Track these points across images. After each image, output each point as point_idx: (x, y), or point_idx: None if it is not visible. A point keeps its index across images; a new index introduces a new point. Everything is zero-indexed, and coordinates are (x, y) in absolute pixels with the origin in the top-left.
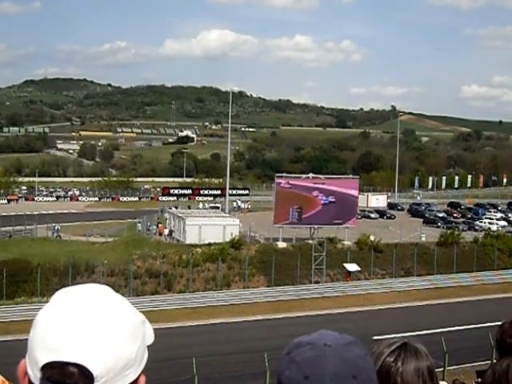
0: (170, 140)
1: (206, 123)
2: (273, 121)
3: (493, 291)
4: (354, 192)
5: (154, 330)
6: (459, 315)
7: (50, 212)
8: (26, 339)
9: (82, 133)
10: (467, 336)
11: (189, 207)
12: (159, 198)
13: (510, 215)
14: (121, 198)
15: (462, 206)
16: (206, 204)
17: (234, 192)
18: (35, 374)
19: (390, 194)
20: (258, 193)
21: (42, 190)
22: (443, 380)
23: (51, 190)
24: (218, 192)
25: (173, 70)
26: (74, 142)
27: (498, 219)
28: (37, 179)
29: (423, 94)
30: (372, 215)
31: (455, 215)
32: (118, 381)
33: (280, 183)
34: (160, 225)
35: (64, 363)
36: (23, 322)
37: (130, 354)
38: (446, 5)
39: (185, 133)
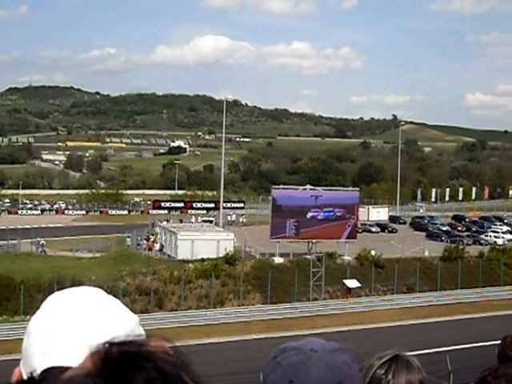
0: (161, 151)
1: (199, 133)
2: (269, 130)
3: (499, 308)
4: (354, 205)
5: None
6: (464, 333)
7: (35, 226)
8: (8, 360)
9: (69, 143)
10: (473, 354)
11: (181, 221)
12: (150, 212)
13: None
14: (109, 212)
15: (467, 219)
16: (199, 217)
17: (229, 205)
18: None
19: (391, 206)
20: (254, 206)
21: (26, 203)
22: None
23: (36, 203)
24: (212, 205)
25: (164, 78)
26: (60, 152)
27: (504, 232)
28: (21, 192)
29: (425, 103)
30: (373, 229)
31: (459, 229)
32: None
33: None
34: (150, 240)
35: (62, 368)
36: (5, 343)
37: None
38: (448, 11)
39: (177, 143)
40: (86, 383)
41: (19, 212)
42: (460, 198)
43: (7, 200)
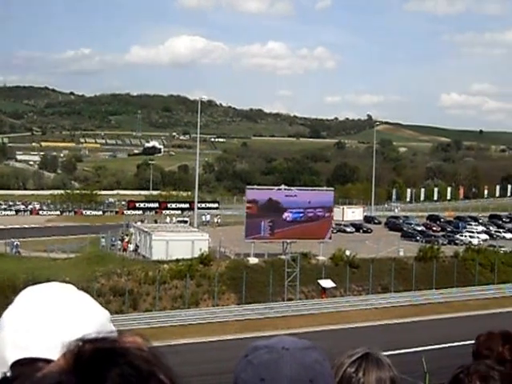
0: (136, 151)
1: (174, 133)
2: (244, 131)
3: (474, 308)
4: (329, 205)
5: None
6: (439, 333)
7: (9, 227)
8: None
9: (43, 143)
10: (448, 354)
11: (155, 221)
12: (124, 212)
13: (491, 228)
14: (84, 212)
15: (442, 219)
16: (174, 218)
17: (203, 205)
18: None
19: (366, 206)
20: (229, 206)
21: (1, 204)
22: None
23: (10, 203)
24: (187, 205)
25: (139, 78)
26: (35, 153)
27: (479, 232)
28: None
29: (400, 103)
30: (348, 229)
31: (434, 229)
32: None
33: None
34: (124, 241)
35: (33, 359)
36: None
37: None
38: (423, 11)
39: (151, 143)
40: (59, 381)
41: None
42: (435, 198)
43: None
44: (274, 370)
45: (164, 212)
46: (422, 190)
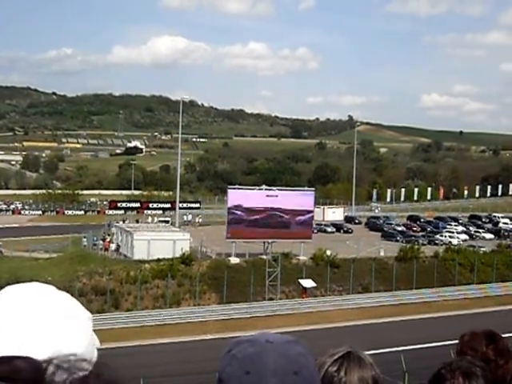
0: (118, 151)
1: (156, 133)
2: (225, 131)
3: (454, 308)
4: (310, 205)
5: (101, 350)
6: (419, 333)
7: None
8: None
9: (26, 143)
10: (428, 354)
11: (137, 221)
12: (106, 212)
13: (471, 228)
14: (66, 212)
15: (422, 220)
16: (156, 218)
17: (185, 205)
18: None
19: (346, 207)
20: (210, 206)
21: None
22: None
23: None
24: (168, 205)
25: (121, 78)
26: (17, 152)
27: (458, 233)
28: None
29: (381, 104)
30: (328, 229)
31: (415, 229)
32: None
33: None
34: (106, 240)
35: (11, 357)
36: None
37: (78, 346)
38: (405, 12)
39: (133, 143)
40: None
41: None
42: (415, 198)
43: None
44: (259, 362)
45: (146, 212)
46: (403, 190)
